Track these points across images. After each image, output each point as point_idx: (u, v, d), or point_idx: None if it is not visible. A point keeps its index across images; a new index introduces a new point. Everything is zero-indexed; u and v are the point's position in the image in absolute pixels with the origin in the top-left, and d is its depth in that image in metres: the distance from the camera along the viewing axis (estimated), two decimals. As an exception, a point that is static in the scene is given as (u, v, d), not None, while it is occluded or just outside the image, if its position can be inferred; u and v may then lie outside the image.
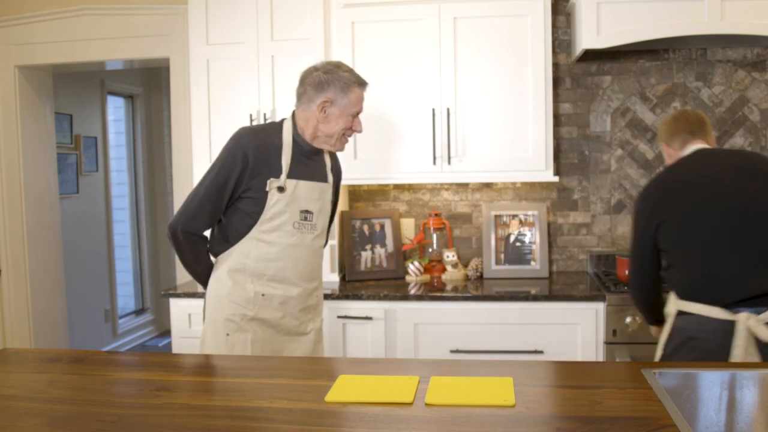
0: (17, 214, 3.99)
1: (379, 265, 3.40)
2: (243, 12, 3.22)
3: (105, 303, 5.61)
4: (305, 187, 2.26)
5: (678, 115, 2.36)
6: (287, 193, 2.22)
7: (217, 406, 1.56)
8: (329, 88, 2.22)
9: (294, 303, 2.29)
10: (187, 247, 2.27)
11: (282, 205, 2.22)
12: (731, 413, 1.70)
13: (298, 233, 2.26)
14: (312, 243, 2.30)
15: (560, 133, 3.46)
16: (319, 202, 2.30)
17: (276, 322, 2.28)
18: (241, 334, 2.24)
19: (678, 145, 2.30)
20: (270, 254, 2.24)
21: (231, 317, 2.25)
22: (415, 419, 1.46)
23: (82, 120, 5.30)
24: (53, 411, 1.54)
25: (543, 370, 1.81)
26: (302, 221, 2.26)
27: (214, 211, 2.23)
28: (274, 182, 2.20)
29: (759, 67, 3.33)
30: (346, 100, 2.23)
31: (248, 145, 2.20)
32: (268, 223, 2.23)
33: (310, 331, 2.36)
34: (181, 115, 3.71)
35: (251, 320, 2.25)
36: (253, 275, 2.24)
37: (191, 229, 2.23)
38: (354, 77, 2.25)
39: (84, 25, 3.77)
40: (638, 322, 2.82)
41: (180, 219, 2.23)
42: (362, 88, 2.27)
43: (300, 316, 2.32)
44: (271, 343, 2.29)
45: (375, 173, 3.23)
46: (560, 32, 3.43)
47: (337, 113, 2.23)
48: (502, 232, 3.43)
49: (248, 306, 2.25)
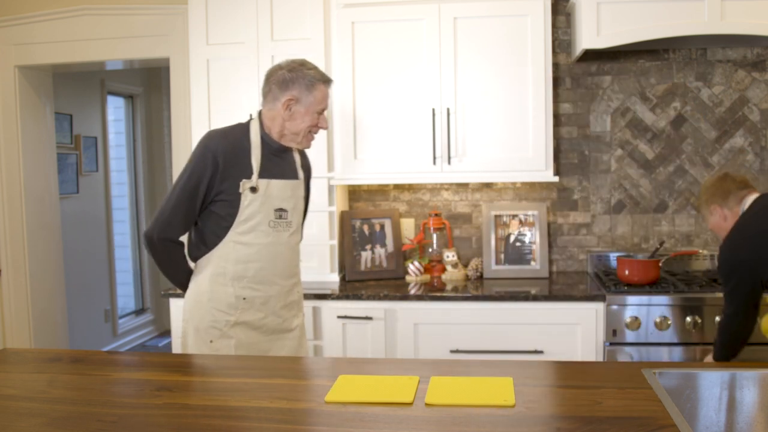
0: (17, 214, 3.99)
1: (379, 265, 3.40)
2: (243, 12, 3.22)
3: (105, 303, 5.61)
4: (277, 186, 2.26)
5: (723, 176, 2.43)
6: (260, 193, 2.22)
7: (217, 406, 1.56)
8: (294, 86, 2.22)
9: (275, 302, 2.30)
10: (164, 253, 2.27)
11: (256, 205, 2.22)
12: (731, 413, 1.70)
13: (274, 232, 2.26)
14: (288, 240, 2.31)
15: (560, 133, 3.46)
16: (292, 200, 2.31)
17: (259, 323, 2.28)
18: (224, 340, 2.24)
19: (734, 203, 2.36)
20: (249, 255, 2.24)
21: (214, 324, 2.24)
22: (415, 419, 1.46)
23: (82, 120, 5.30)
24: (53, 411, 1.54)
25: (543, 370, 1.81)
26: (277, 220, 2.26)
27: (188, 216, 2.23)
28: (247, 183, 2.20)
29: (759, 67, 3.33)
30: (311, 97, 2.23)
31: (217, 148, 2.19)
32: (244, 225, 2.23)
33: (295, 327, 2.37)
34: (181, 115, 3.71)
35: (234, 325, 2.25)
36: (234, 278, 2.24)
37: (167, 235, 2.23)
38: (318, 74, 2.25)
39: (84, 25, 3.77)
40: (638, 321, 2.82)
41: (155, 226, 2.23)
42: (327, 86, 2.27)
43: (282, 314, 2.32)
44: (256, 344, 2.28)
45: (375, 173, 3.23)
46: (560, 32, 3.43)
47: (302, 111, 2.23)
48: (502, 232, 3.43)
49: (230, 311, 2.25)
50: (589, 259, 3.45)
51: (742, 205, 2.34)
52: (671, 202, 3.42)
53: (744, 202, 2.35)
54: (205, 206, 2.24)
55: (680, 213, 3.41)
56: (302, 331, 2.42)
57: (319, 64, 3.13)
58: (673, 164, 3.40)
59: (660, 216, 3.43)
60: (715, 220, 2.42)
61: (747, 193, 2.36)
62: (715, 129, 3.36)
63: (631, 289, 2.90)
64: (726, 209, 2.37)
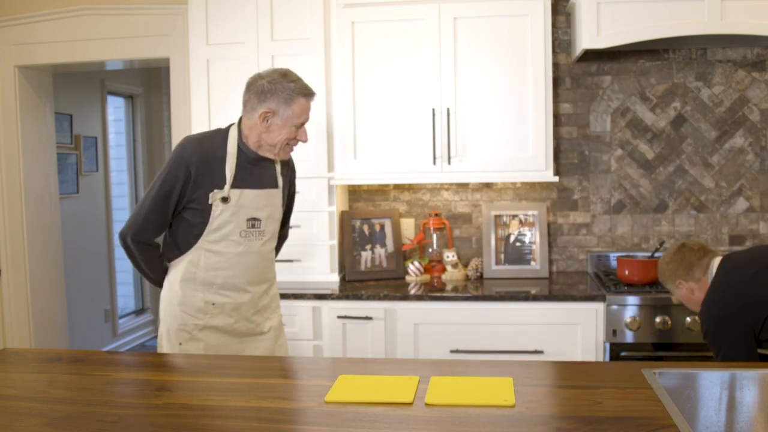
0: (17, 214, 3.99)
1: (379, 265, 3.40)
2: (243, 12, 3.22)
3: (105, 303, 5.61)
4: (251, 196, 2.23)
5: (680, 249, 2.38)
6: (232, 203, 2.20)
7: (217, 406, 1.56)
8: (271, 99, 2.18)
9: (246, 308, 2.28)
10: (138, 254, 2.27)
11: (227, 215, 2.20)
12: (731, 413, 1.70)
13: (245, 241, 2.24)
14: (260, 249, 2.29)
15: (560, 133, 3.46)
16: (267, 209, 2.28)
17: (229, 327, 2.27)
18: (193, 342, 2.24)
19: (700, 273, 2.31)
20: (218, 263, 2.23)
21: (182, 327, 2.25)
22: (415, 419, 1.46)
23: (82, 120, 5.30)
24: (53, 411, 1.54)
25: (543, 370, 1.81)
26: (249, 229, 2.24)
27: (161, 221, 2.23)
28: (218, 194, 2.18)
29: (759, 67, 3.33)
30: (289, 111, 2.18)
31: (191, 157, 2.18)
32: (214, 234, 2.21)
33: (269, 329, 2.35)
34: (181, 115, 3.71)
35: (203, 329, 2.25)
36: (203, 284, 2.23)
37: (140, 238, 2.24)
38: (299, 88, 2.19)
39: (84, 25, 3.77)
40: (638, 321, 2.82)
41: (129, 228, 2.24)
42: (308, 99, 2.22)
43: (254, 319, 2.31)
44: (227, 347, 2.27)
45: (375, 173, 3.23)
46: (560, 32, 3.43)
47: (279, 123, 2.19)
48: (502, 232, 3.43)
49: (199, 315, 2.24)
50: (589, 259, 3.45)
51: (710, 272, 2.30)
52: (671, 202, 3.42)
53: (710, 268, 2.30)
54: (177, 211, 2.24)
55: (680, 213, 3.41)
56: (278, 332, 2.40)
57: (319, 64, 3.16)
58: (673, 164, 3.40)
59: (660, 216, 3.43)
60: (683, 293, 2.37)
61: (709, 259, 2.32)
62: (715, 129, 3.36)
63: (631, 289, 2.90)
64: (692, 281, 2.33)
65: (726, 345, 2.15)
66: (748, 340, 2.13)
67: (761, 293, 2.14)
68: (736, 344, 2.14)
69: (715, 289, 2.24)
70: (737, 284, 2.19)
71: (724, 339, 2.15)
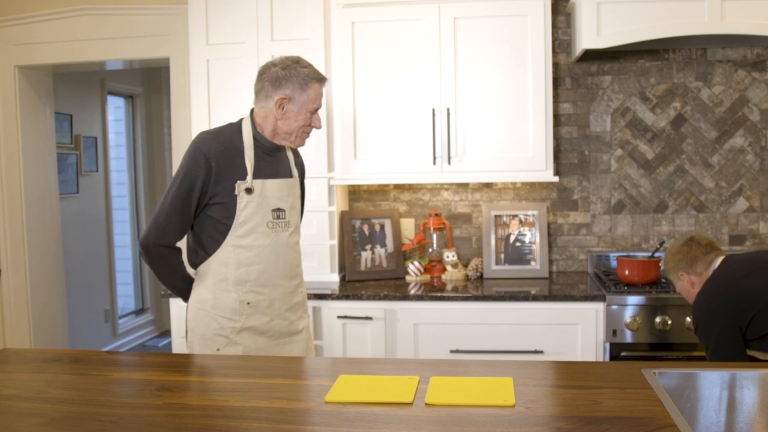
0: (17, 214, 3.99)
1: (379, 265, 3.40)
2: (243, 12, 3.22)
3: (105, 303, 5.61)
4: (273, 186, 2.22)
5: (688, 242, 2.41)
6: (256, 194, 2.17)
7: (217, 406, 1.56)
8: (287, 85, 2.17)
9: (279, 304, 2.25)
10: (161, 261, 2.20)
11: (253, 206, 2.18)
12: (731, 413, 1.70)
13: (273, 233, 2.22)
14: (288, 240, 2.26)
15: (560, 133, 3.47)
16: (290, 199, 2.26)
17: (265, 326, 2.24)
18: (231, 347, 2.20)
19: (702, 268, 2.35)
20: (249, 259, 2.19)
21: (220, 331, 2.20)
22: (415, 419, 1.46)
23: (82, 120, 5.30)
24: (53, 411, 1.54)
25: (543, 370, 1.81)
26: (275, 220, 2.22)
27: (184, 221, 2.17)
28: (242, 184, 2.15)
29: (759, 67, 3.33)
30: (305, 96, 2.18)
31: (209, 150, 2.14)
32: (242, 227, 2.18)
33: (302, 329, 2.34)
34: (181, 115, 3.71)
35: (241, 331, 2.21)
36: (236, 283, 2.19)
37: (163, 242, 2.16)
38: (313, 73, 2.20)
39: (84, 25, 3.77)
40: (638, 321, 2.82)
41: (151, 233, 2.16)
42: (321, 84, 2.22)
43: (288, 316, 2.28)
44: (264, 350, 2.25)
45: (375, 173, 3.23)
46: (560, 32, 3.43)
47: (295, 110, 2.19)
48: (502, 232, 3.43)
49: (235, 317, 2.20)
50: (589, 259, 3.45)
51: (711, 269, 2.33)
52: (671, 202, 3.42)
53: (713, 265, 2.34)
54: (200, 210, 2.19)
55: (680, 213, 3.41)
56: (309, 333, 2.39)
57: (319, 64, 3.16)
58: (673, 164, 3.40)
59: (660, 216, 3.43)
60: (683, 285, 2.41)
61: (714, 256, 2.35)
62: (715, 129, 3.36)
63: (631, 289, 2.90)
64: (693, 275, 2.36)
65: (714, 340, 2.19)
66: (735, 338, 2.16)
67: (751, 292, 2.16)
68: (724, 340, 2.17)
69: (708, 284, 2.28)
70: (730, 282, 2.22)
71: (712, 334, 2.19)
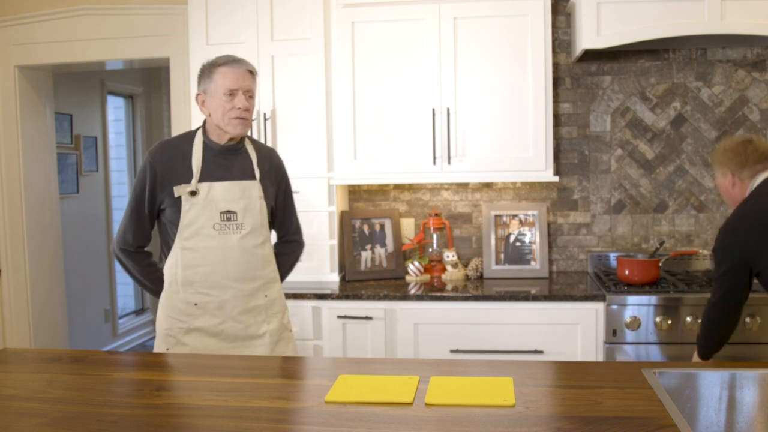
0: (17, 214, 3.99)
1: (379, 265, 3.40)
2: (243, 12, 3.22)
3: (105, 303, 5.61)
4: (222, 188, 2.23)
5: (745, 142, 2.31)
6: (201, 197, 2.21)
7: (217, 406, 1.56)
8: (200, 82, 2.27)
9: (231, 306, 2.24)
10: (128, 263, 2.32)
11: (197, 209, 2.21)
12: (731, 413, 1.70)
13: (220, 235, 2.23)
14: (240, 243, 2.24)
15: (560, 133, 3.46)
16: (242, 201, 2.25)
17: (215, 329, 2.23)
18: (179, 347, 2.23)
19: (747, 175, 2.27)
20: (195, 260, 2.22)
21: (169, 331, 2.24)
22: (415, 419, 1.46)
23: (82, 120, 5.30)
24: (53, 411, 1.54)
25: (543, 370, 1.81)
26: (224, 222, 2.23)
27: (140, 227, 2.29)
28: (184, 188, 2.21)
29: (759, 67, 3.33)
30: (213, 84, 2.22)
31: (155, 158, 2.26)
32: (187, 229, 2.22)
33: (263, 333, 2.28)
34: (181, 115, 3.71)
35: (188, 332, 2.23)
36: (184, 284, 2.23)
37: (123, 246, 2.30)
38: (219, 59, 2.25)
39: (84, 25, 3.77)
40: (638, 321, 2.82)
41: (116, 238, 2.33)
42: (228, 66, 2.23)
43: (244, 320, 2.25)
44: (216, 352, 2.23)
45: (375, 173, 3.23)
46: (560, 32, 3.43)
47: (211, 100, 2.23)
48: (502, 232, 3.43)
49: (183, 317, 2.23)
50: (589, 259, 3.45)
51: (753, 182, 2.25)
52: (671, 202, 3.42)
53: (756, 178, 2.25)
54: (156, 216, 2.30)
55: (680, 213, 3.41)
56: (279, 336, 2.33)
57: (319, 64, 3.16)
58: (673, 164, 3.40)
59: (660, 216, 3.43)
60: (725, 183, 2.34)
61: (762, 168, 2.25)
62: (715, 129, 3.36)
63: (631, 289, 2.90)
64: (737, 178, 2.29)
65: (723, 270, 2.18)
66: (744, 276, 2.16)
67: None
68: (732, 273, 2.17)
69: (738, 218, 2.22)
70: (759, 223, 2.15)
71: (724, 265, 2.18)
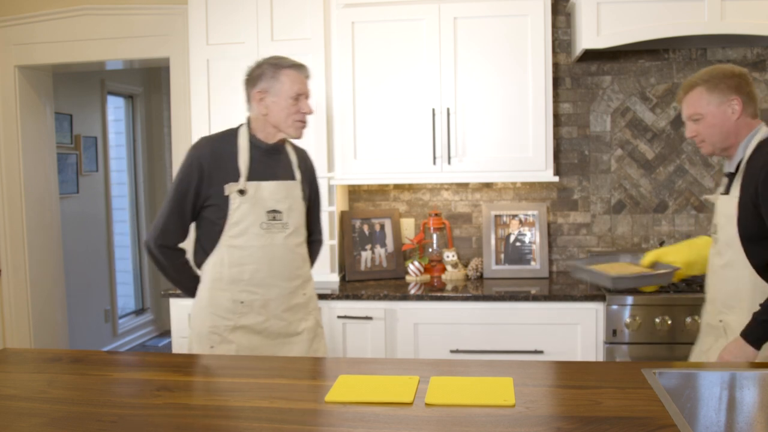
0: (17, 214, 3.99)
1: (379, 265, 3.40)
2: (243, 12, 3.22)
3: (105, 303, 5.61)
4: (269, 188, 2.25)
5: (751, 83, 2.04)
6: (249, 196, 2.22)
7: (217, 406, 1.56)
8: (261, 79, 2.25)
9: (275, 304, 2.27)
10: (164, 261, 2.30)
11: (245, 208, 2.22)
12: (731, 413, 1.70)
13: (267, 234, 2.24)
14: (285, 242, 2.28)
15: (560, 133, 3.46)
16: (287, 201, 2.29)
17: (260, 326, 2.26)
18: (224, 345, 2.24)
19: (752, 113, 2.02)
20: (242, 258, 2.23)
21: (213, 329, 2.25)
22: (415, 419, 1.46)
23: (82, 120, 5.30)
24: (53, 411, 1.54)
25: (543, 370, 1.81)
26: (270, 221, 2.25)
27: (181, 223, 2.26)
28: (233, 186, 2.21)
29: (759, 67, 3.33)
30: (279, 84, 2.22)
31: (202, 155, 2.24)
32: (235, 228, 2.22)
33: (302, 330, 2.34)
34: (181, 115, 3.71)
35: (234, 329, 2.24)
36: (230, 282, 2.24)
37: (162, 242, 2.27)
38: (284, 61, 2.25)
39: (84, 25, 3.77)
40: (638, 321, 2.82)
41: (152, 235, 2.27)
42: (296, 70, 2.25)
43: (286, 317, 2.30)
44: (260, 349, 2.27)
45: (375, 173, 3.23)
46: (560, 32, 3.43)
47: (275, 101, 2.23)
48: (502, 232, 3.43)
49: (229, 315, 2.24)
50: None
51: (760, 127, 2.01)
52: (671, 202, 3.42)
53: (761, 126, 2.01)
54: (197, 213, 2.26)
55: (680, 213, 3.41)
56: (315, 333, 2.38)
57: (319, 64, 3.16)
58: (673, 164, 3.40)
59: (660, 216, 3.43)
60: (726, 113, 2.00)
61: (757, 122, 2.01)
62: (715, 129, 3.35)
63: (631, 289, 2.89)
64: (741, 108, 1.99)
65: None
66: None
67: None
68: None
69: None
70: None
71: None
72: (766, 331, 1.89)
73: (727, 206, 2.04)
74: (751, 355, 1.90)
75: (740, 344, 1.91)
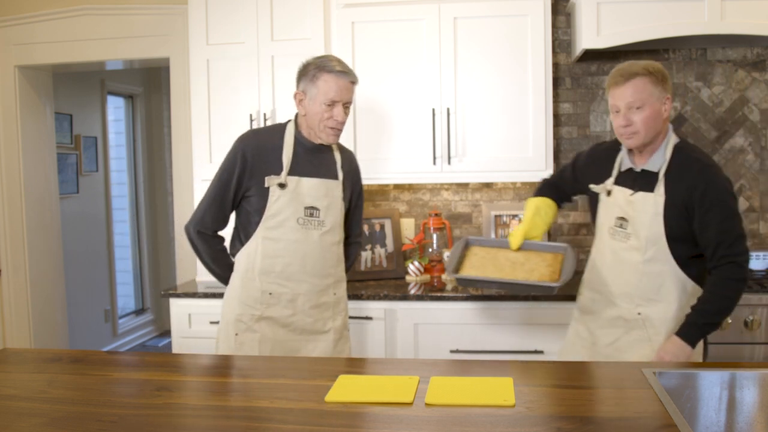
0: (17, 214, 3.99)
1: (379, 265, 3.40)
2: (243, 12, 3.22)
3: (105, 303, 5.61)
4: (309, 184, 2.27)
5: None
6: (289, 190, 2.24)
7: (217, 406, 1.56)
8: (302, 80, 2.26)
9: (304, 300, 2.29)
10: (201, 246, 2.34)
11: (284, 201, 2.24)
12: (731, 413, 1.70)
13: (303, 229, 2.26)
14: (320, 239, 2.29)
15: (560, 133, 3.46)
16: (326, 199, 2.30)
17: (287, 320, 2.28)
18: (249, 334, 2.26)
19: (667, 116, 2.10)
20: (276, 250, 2.25)
21: (240, 317, 2.28)
22: (415, 419, 1.46)
23: (82, 120, 5.30)
24: (53, 411, 1.54)
25: (543, 370, 1.81)
26: (307, 217, 2.27)
27: (221, 211, 2.30)
28: (274, 179, 2.23)
29: (759, 67, 3.33)
30: (315, 89, 2.22)
31: (247, 146, 2.26)
32: (272, 220, 2.24)
33: (329, 329, 2.35)
34: (181, 115, 3.71)
35: (260, 320, 2.27)
36: (261, 273, 2.26)
37: (201, 228, 2.32)
38: (328, 64, 2.22)
39: (84, 25, 3.77)
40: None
41: (192, 219, 2.33)
42: (334, 75, 2.21)
43: (313, 314, 2.31)
44: (285, 342, 2.29)
45: (375, 173, 3.23)
46: (560, 32, 3.43)
47: (311, 104, 2.24)
48: (502, 232, 3.43)
49: (256, 305, 2.27)
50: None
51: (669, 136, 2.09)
52: (671, 202, 3.41)
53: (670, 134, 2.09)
54: (238, 202, 2.30)
55: (680, 213, 3.41)
56: (341, 335, 2.39)
57: (319, 64, 3.16)
58: (673, 164, 3.39)
59: (660, 216, 3.42)
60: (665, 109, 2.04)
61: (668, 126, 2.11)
62: (715, 129, 3.36)
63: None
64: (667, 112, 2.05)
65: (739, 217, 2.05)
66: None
67: None
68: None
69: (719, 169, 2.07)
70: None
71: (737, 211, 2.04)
72: (702, 332, 2.01)
73: (651, 204, 2.07)
74: (689, 354, 1.99)
75: (678, 344, 1.99)
